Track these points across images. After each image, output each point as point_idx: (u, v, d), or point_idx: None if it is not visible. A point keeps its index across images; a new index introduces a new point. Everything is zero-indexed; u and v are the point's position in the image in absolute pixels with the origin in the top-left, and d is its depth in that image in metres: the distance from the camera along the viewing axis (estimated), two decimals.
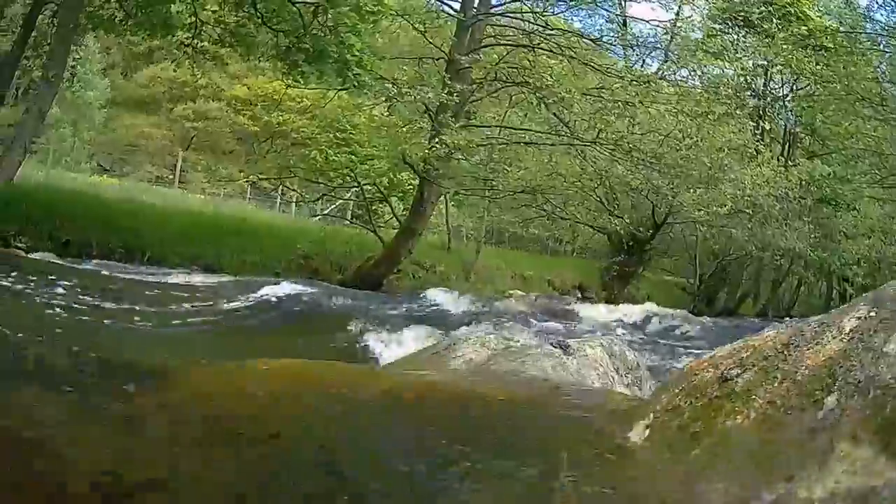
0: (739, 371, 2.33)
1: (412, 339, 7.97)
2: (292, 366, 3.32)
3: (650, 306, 20.41)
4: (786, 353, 2.25)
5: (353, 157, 19.56)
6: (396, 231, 19.95)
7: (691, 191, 21.28)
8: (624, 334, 12.51)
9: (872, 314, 2.12)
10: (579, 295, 26.56)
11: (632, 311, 18.34)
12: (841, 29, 25.76)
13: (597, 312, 18.19)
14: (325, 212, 27.10)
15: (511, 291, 21.94)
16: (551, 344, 4.03)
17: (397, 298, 16.01)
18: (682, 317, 19.26)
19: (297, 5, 15.71)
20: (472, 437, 2.42)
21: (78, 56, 20.76)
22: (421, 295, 16.35)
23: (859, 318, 2.15)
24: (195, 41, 18.74)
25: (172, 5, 17.43)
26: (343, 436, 2.43)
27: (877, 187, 30.51)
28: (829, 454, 1.77)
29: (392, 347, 7.64)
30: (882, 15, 31.03)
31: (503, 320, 12.28)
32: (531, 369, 3.61)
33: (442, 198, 22.35)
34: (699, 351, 6.87)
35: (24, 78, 19.31)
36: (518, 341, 4.39)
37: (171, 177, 39.47)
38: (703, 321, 19.39)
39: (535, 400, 2.98)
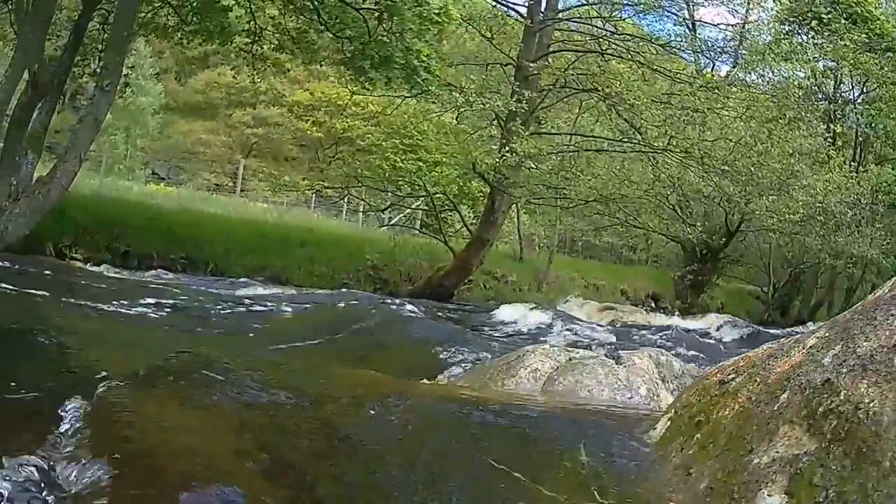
0: (734, 376, 3.34)
1: (484, 352, 8.62)
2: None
3: (717, 317, 20.53)
4: (767, 362, 3.23)
5: (420, 163, 19.87)
6: (467, 241, 20.48)
7: (763, 198, 21.64)
8: (688, 344, 13.08)
9: (826, 335, 3.08)
10: (652, 304, 27.03)
11: (702, 321, 18.68)
12: None
13: (668, 322, 18.56)
14: (394, 221, 27.48)
15: (583, 302, 22.10)
16: (605, 355, 5.06)
17: (469, 310, 16.54)
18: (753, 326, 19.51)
19: (361, 11, 15.68)
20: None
21: (130, 65, 20.79)
22: (493, 309, 16.61)
23: (818, 337, 3.12)
24: (254, 47, 18.97)
25: (230, 12, 17.67)
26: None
27: None
28: (775, 434, 2.76)
29: (464, 361, 8.28)
30: None
31: (570, 330, 12.97)
32: (587, 378, 4.64)
33: (513, 206, 22.68)
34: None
35: (70, 83, 19.43)
36: (578, 352, 5.39)
37: (230, 184, 39.84)
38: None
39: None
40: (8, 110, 13.61)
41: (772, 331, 17.83)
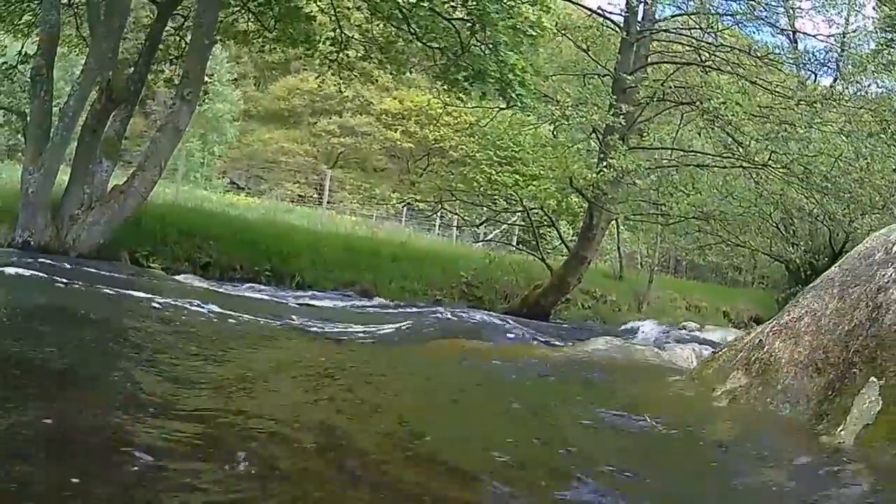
0: (723, 350, 5.44)
1: None
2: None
3: None
4: (742, 339, 5.33)
5: (517, 176, 20.46)
6: (565, 258, 21.44)
7: (866, 216, 22.26)
8: None
9: (774, 316, 5.14)
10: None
11: None
12: None
13: None
14: (489, 237, 28.77)
15: (685, 323, 22.24)
16: (654, 345, 7.17)
17: (567, 328, 17.54)
18: None
19: (453, 22, 16.30)
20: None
21: (209, 72, 21.11)
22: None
23: (779, 316, 5.18)
24: (340, 56, 19.59)
25: (314, 20, 18.74)
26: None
27: None
28: (728, 377, 4.86)
29: None
30: None
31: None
32: (634, 355, 6.77)
33: (613, 223, 23.30)
34: None
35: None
36: (633, 341, 7.53)
37: (314, 196, 41.36)
38: None
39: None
40: (80, 118, 14.42)
41: None
